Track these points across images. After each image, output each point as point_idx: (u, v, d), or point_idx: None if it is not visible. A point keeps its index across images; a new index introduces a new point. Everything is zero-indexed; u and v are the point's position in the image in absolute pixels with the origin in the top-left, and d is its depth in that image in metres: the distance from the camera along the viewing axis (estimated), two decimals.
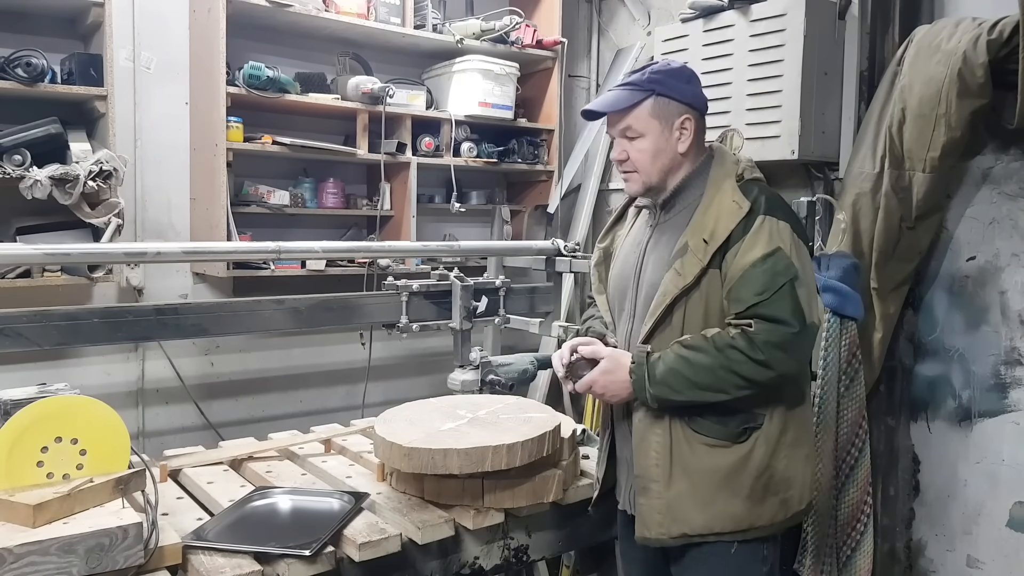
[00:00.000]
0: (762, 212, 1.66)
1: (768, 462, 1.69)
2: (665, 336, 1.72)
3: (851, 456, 2.44)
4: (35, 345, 1.95)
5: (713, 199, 1.71)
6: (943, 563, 2.61)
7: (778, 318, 1.61)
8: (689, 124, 1.75)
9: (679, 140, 1.76)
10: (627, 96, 1.76)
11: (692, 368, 1.64)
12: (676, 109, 1.75)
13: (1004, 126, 2.34)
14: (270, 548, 1.53)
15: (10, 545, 1.30)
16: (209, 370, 3.23)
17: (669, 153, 1.76)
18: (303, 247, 2.37)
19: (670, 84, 1.75)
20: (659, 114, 1.74)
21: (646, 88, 1.75)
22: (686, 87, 1.77)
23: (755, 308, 1.62)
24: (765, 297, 1.61)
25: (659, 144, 1.75)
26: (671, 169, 1.78)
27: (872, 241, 2.48)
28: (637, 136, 1.76)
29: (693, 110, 1.77)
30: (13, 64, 2.52)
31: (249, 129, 2.99)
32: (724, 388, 1.64)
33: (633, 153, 1.77)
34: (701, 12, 2.93)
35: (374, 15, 3.20)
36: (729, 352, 1.62)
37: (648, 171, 1.77)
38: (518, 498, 1.80)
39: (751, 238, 1.65)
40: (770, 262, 1.62)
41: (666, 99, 1.74)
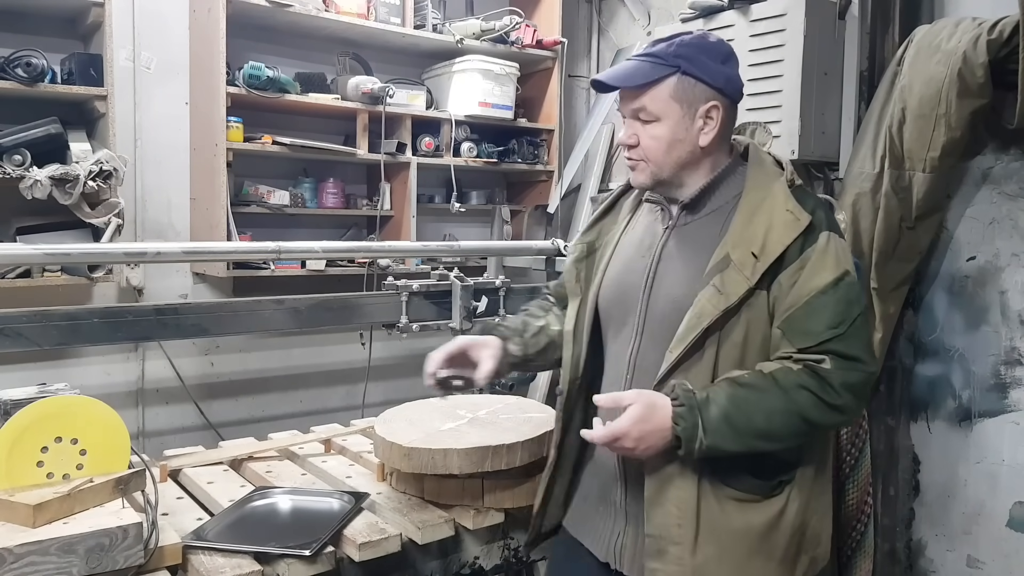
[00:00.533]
0: (825, 227, 1.41)
1: (803, 518, 1.44)
2: (693, 371, 1.40)
3: (851, 456, 2.44)
4: (35, 345, 1.95)
5: (759, 205, 1.42)
6: (943, 563, 2.60)
7: (855, 355, 1.37)
8: (716, 113, 1.44)
9: (702, 131, 1.45)
10: (647, 70, 1.44)
11: (753, 412, 1.34)
12: (703, 93, 1.43)
13: (1004, 126, 2.34)
14: (270, 548, 1.53)
15: (10, 545, 1.30)
16: (209, 370, 3.23)
17: (688, 145, 1.45)
18: (303, 247, 2.37)
19: (701, 62, 1.43)
20: (682, 97, 1.43)
21: (671, 63, 1.43)
22: (720, 68, 1.45)
23: (829, 344, 1.36)
24: (841, 331, 1.36)
25: (677, 133, 1.44)
26: (688, 163, 1.47)
27: (872, 241, 2.48)
28: (652, 120, 1.45)
29: (724, 97, 1.45)
30: (13, 64, 2.52)
31: (249, 129, 2.99)
32: (785, 436, 1.37)
33: (645, 139, 1.46)
34: (701, 12, 2.93)
35: (374, 15, 3.20)
36: (797, 394, 1.35)
37: (660, 162, 1.47)
38: (518, 498, 1.79)
39: (818, 259, 1.38)
40: (843, 289, 1.37)
41: (693, 79, 1.42)
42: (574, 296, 1.62)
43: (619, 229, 1.63)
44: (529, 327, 1.72)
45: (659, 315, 1.46)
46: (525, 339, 1.69)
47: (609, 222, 1.67)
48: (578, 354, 1.57)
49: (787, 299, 1.38)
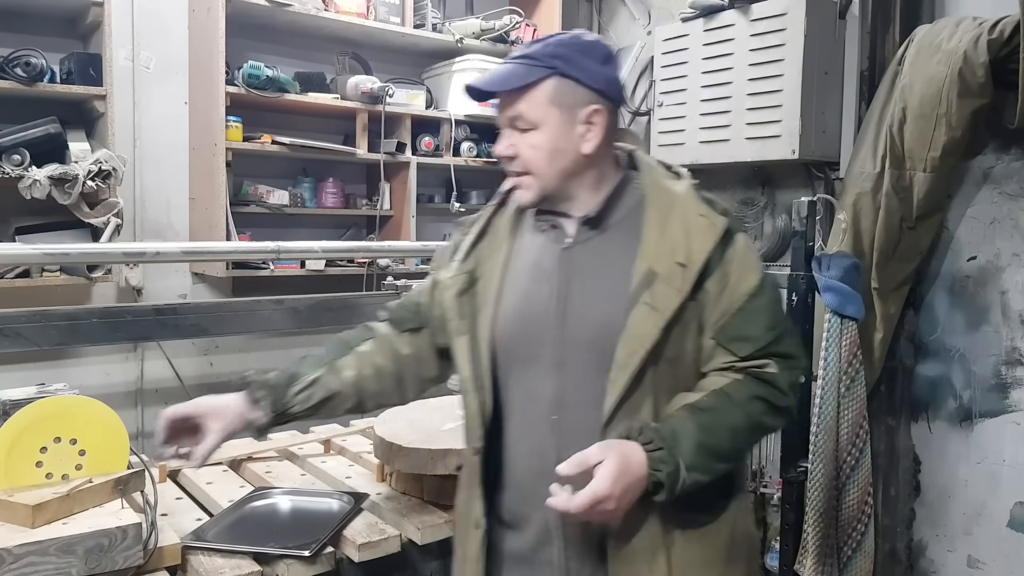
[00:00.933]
0: (737, 229, 1.35)
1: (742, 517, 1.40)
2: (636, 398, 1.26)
3: (852, 456, 2.44)
4: (34, 345, 1.94)
5: (668, 213, 1.32)
6: (944, 563, 2.60)
7: (793, 354, 1.35)
8: (599, 118, 1.32)
9: (584, 137, 1.32)
10: (521, 72, 1.31)
11: (720, 436, 1.26)
12: (584, 96, 1.31)
13: (1005, 126, 2.34)
14: (269, 549, 1.53)
15: (9, 546, 1.30)
16: (208, 370, 3.22)
17: (570, 153, 1.32)
18: (303, 247, 2.37)
19: (580, 62, 1.31)
20: (561, 101, 1.30)
21: (547, 64, 1.30)
22: (600, 69, 1.33)
23: (771, 347, 1.31)
24: (779, 332, 1.32)
25: (558, 140, 1.31)
26: (573, 173, 1.34)
27: (873, 241, 2.47)
28: (530, 127, 1.32)
29: (606, 100, 1.33)
30: (12, 64, 2.51)
31: (248, 129, 2.99)
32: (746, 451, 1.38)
33: (524, 149, 1.33)
34: (701, 11, 2.93)
35: (374, 14, 3.19)
36: (752, 405, 1.29)
37: (544, 174, 1.33)
38: None
39: (741, 262, 1.31)
40: (768, 290, 1.34)
41: (572, 82, 1.30)
42: (459, 335, 1.40)
43: (502, 255, 1.43)
44: (298, 380, 1.45)
45: (582, 343, 1.31)
46: (287, 397, 1.43)
47: (487, 247, 1.46)
48: (483, 401, 1.36)
49: (718, 307, 1.30)
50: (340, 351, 1.51)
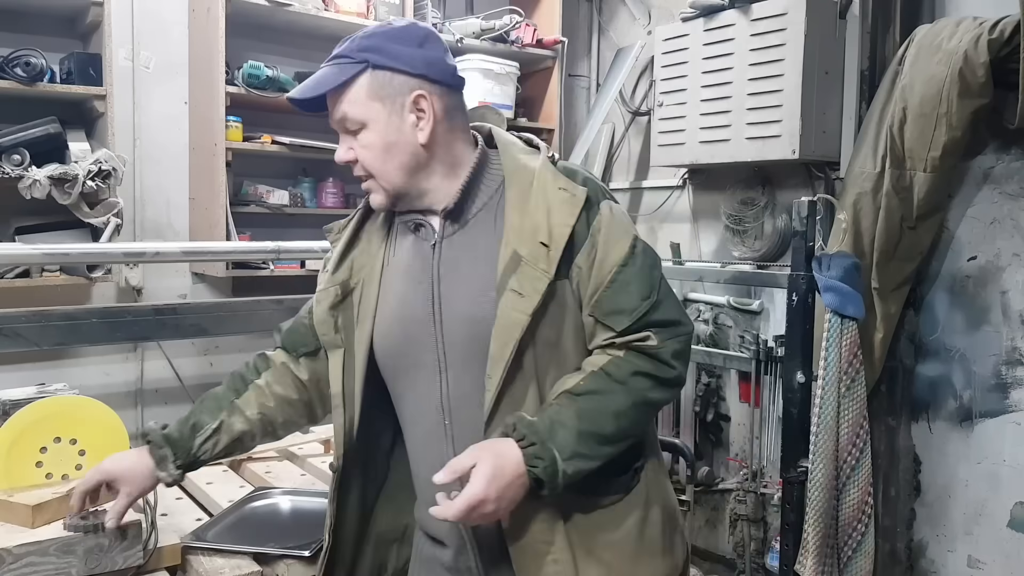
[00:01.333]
0: (601, 198, 1.27)
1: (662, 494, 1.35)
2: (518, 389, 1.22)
3: (852, 456, 2.44)
4: (34, 345, 1.94)
5: (528, 192, 1.25)
6: (944, 563, 2.60)
7: (673, 319, 1.26)
8: (425, 102, 1.25)
9: (416, 127, 1.25)
10: (335, 73, 1.28)
11: (602, 421, 1.20)
12: (404, 84, 1.24)
13: (1005, 126, 2.34)
14: (269, 549, 1.53)
15: (9, 546, 1.30)
16: (208, 370, 3.22)
17: (407, 146, 1.26)
18: (303, 247, 2.37)
19: (391, 50, 1.25)
20: (380, 93, 1.25)
21: (358, 60, 1.26)
22: (416, 52, 1.26)
23: (648, 316, 1.23)
24: (654, 299, 1.24)
25: (388, 135, 1.25)
26: (417, 167, 1.27)
27: (873, 241, 2.47)
28: (359, 128, 1.27)
29: (431, 83, 1.25)
30: (12, 64, 2.51)
31: (248, 129, 2.99)
32: (637, 427, 1.26)
33: (360, 151, 1.28)
34: (701, 11, 2.93)
35: (374, 14, 3.19)
36: (636, 382, 1.22)
37: (385, 173, 1.27)
38: None
39: (607, 232, 1.24)
40: (639, 257, 1.25)
41: (387, 72, 1.24)
42: (333, 348, 1.37)
43: (377, 261, 1.37)
44: (201, 430, 1.44)
45: (459, 343, 1.25)
46: (194, 449, 1.42)
47: (362, 255, 1.40)
48: (351, 418, 1.33)
49: (591, 282, 1.24)
50: (238, 389, 1.48)
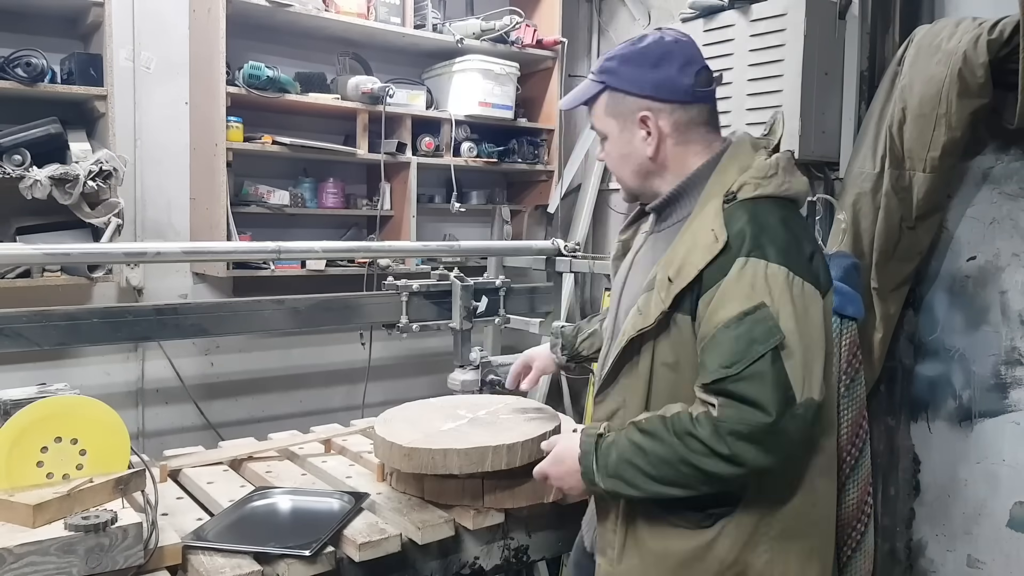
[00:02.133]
0: (744, 252, 1.27)
1: (738, 556, 1.35)
2: (629, 381, 1.42)
3: (851, 456, 2.44)
4: (35, 345, 1.95)
5: (694, 222, 1.35)
6: (943, 563, 2.60)
7: (749, 399, 1.24)
8: (651, 121, 1.39)
9: (645, 142, 1.41)
10: (583, 89, 1.47)
11: (648, 459, 1.30)
12: (633, 104, 1.40)
13: (1004, 126, 2.34)
14: (270, 548, 1.53)
15: (10, 545, 1.30)
16: (209, 370, 3.23)
17: (637, 157, 1.43)
18: (303, 247, 2.37)
19: (624, 73, 1.40)
20: (615, 111, 1.43)
21: (599, 80, 1.43)
22: (648, 74, 1.38)
23: (721, 383, 1.25)
24: (734, 372, 1.24)
25: (621, 147, 1.44)
26: (649, 174, 1.44)
27: (872, 241, 2.47)
28: (604, 137, 1.48)
29: (659, 102, 1.38)
30: (13, 64, 2.52)
31: (249, 129, 2.99)
32: (687, 484, 1.30)
33: (604, 155, 1.50)
34: (701, 12, 2.93)
35: (374, 15, 3.20)
36: (688, 442, 1.27)
37: (621, 177, 1.49)
38: (518, 498, 1.79)
39: (727, 288, 1.27)
40: (747, 324, 1.24)
41: (620, 93, 1.41)
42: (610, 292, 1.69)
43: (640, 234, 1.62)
44: (582, 331, 1.90)
45: (619, 323, 1.48)
46: (576, 344, 1.89)
47: (643, 222, 1.62)
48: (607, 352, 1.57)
49: (703, 328, 1.30)
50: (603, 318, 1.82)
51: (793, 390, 1.24)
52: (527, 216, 3.84)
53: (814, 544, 1.41)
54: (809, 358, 1.27)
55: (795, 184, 1.40)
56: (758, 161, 1.38)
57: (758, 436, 1.24)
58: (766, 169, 1.36)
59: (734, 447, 1.24)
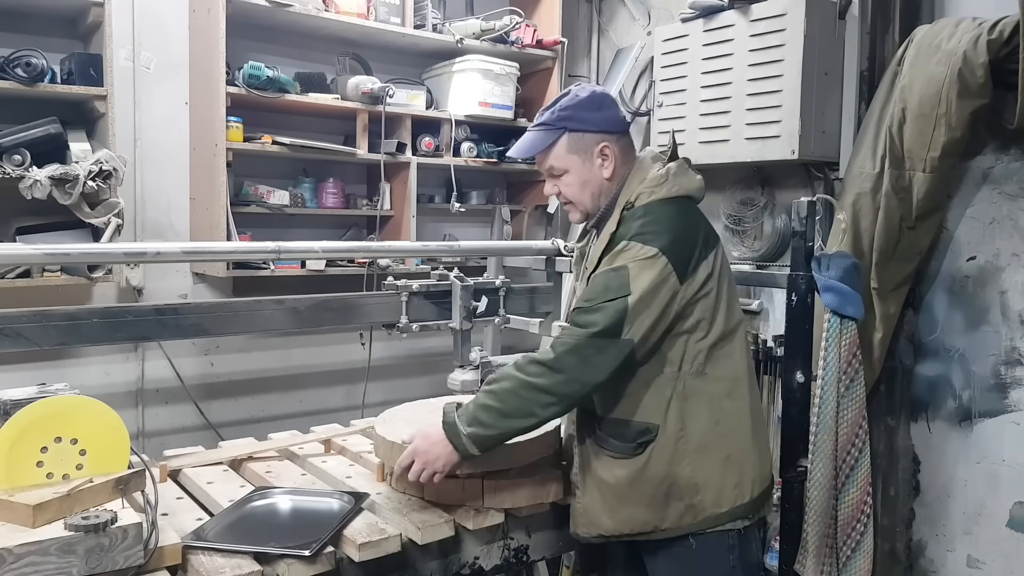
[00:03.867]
0: (628, 237, 1.69)
1: (667, 471, 1.71)
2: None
3: (851, 456, 2.44)
4: (35, 345, 1.94)
5: (606, 227, 1.78)
6: (943, 563, 2.60)
7: (586, 323, 1.64)
8: (609, 149, 1.78)
9: (602, 167, 1.79)
10: (541, 138, 1.80)
11: (497, 397, 1.64)
12: (592, 139, 1.78)
13: (1004, 126, 2.34)
14: (270, 548, 1.53)
15: (10, 545, 1.30)
16: (209, 370, 3.23)
17: (596, 181, 1.80)
18: (303, 247, 2.37)
19: (580, 117, 1.78)
20: (576, 148, 1.79)
21: (557, 127, 1.78)
22: (597, 115, 1.79)
23: (576, 312, 1.68)
24: (587, 304, 1.66)
25: (583, 175, 1.80)
26: (603, 192, 1.82)
27: (872, 241, 2.48)
28: (562, 173, 1.81)
29: (610, 134, 1.79)
30: (13, 64, 2.52)
31: (249, 129, 2.99)
32: (531, 409, 1.63)
33: (563, 188, 1.83)
34: (701, 12, 2.93)
35: (374, 15, 3.20)
36: (528, 368, 1.63)
37: (582, 201, 1.83)
38: (518, 498, 1.80)
39: (609, 257, 1.70)
40: (609, 275, 1.67)
41: (579, 133, 1.78)
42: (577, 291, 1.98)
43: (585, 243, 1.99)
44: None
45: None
46: None
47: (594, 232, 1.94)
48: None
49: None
50: None
51: (622, 328, 1.63)
52: (527, 216, 3.84)
53: (729, 453, 1.76)
54: (643, 314, 1.64)
55: (686, 184, 1.78)
56: (652, 173, 1.77)
57: (579, 348, 1.62)
58: (658, 179, 1.76)
59: (560, 356, 1.62)
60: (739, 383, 1.80)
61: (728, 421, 1.77)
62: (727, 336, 1.77)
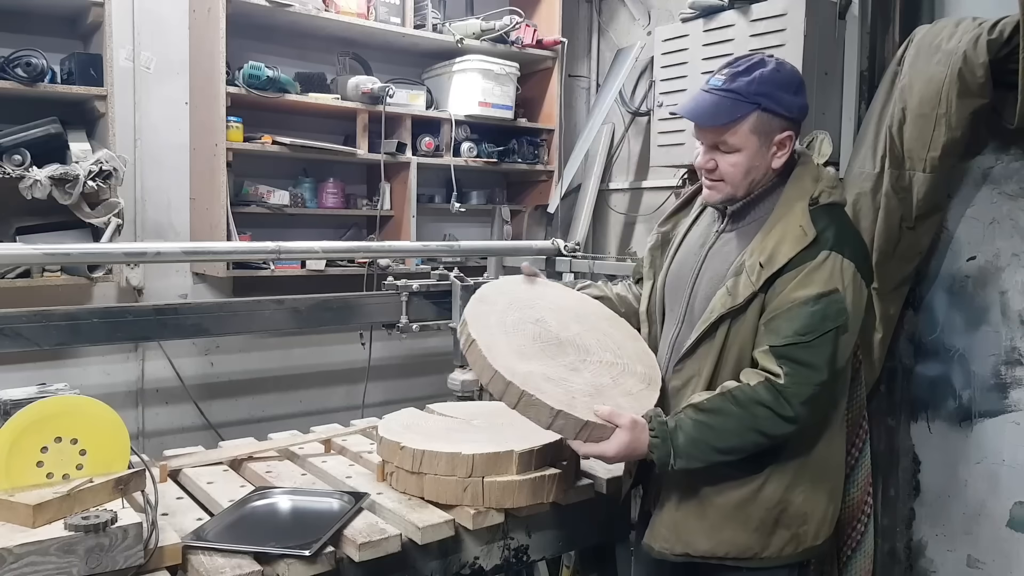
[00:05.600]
0: (828, 246, 1.54)
1: (781, 496, 1.64)
2: (705, 353, 1.65)
3: (851, 456, 2.44)
4: (35, 345, 1.95)
5: (780, 219, 1.60)
6: (943, 563, 2.60)
7: (811, 363, 1.52)
8: (790, 141, 1.62)
9: (775, 155, 1.62)
10: (729, 108, 1.58)
11: (715, 434, 1.54)
12: (780, 125, 1.60)
13: (1004, 126, 2.34)
14: (270, 548, 1.53)
15: (10, 545, 1.30)
16: (209, 370, 3.23)
17: (762, 169, 1.63)
18: (303, 247, 2.37)
19: (778, 97, 1.58)
20: (760, 130, 1.59)
21: (751, 101, 1.57)
22: (793, 99, 1.60)
23: (791, 348, 1.51)
24: (806, 340, 1.51)
25: (754, 160, 1.61)
26: (760, 182, 1.65)
27: (872, 241, 2.47)
28: (732, 151, 1.61)
29: (796, 124, 1.63)
30: (13, 64, 2.52)
31: (249, 129, 2.99)
32: (748, 448, 1.57)
33: (724, 166, 1.63)
34: (701, 12, 2.93)
35: (374, 15, 3.20)
36: (755, 409, 1.52)
37: (737, 184, 1.64)
38: (518, 498, 1.80)
39: (809, 273, 1.53)
40: (823, 303, 1.51)
41: (771, 115, 1.58)
42: (647, 280, 1.86)
43: (687, 224, 1.83)
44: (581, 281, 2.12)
45: (696, 307, 1.69)
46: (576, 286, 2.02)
47: (683, 216, 1.86)
48: (654, 334, 1.83)
49: (775, 301, 1.56)
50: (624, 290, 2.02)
51: (838, 361, 1.54)
52: (527, 216, 3.84)
53: (835, 485, 1.73)
54: (853, 339, 1.58)
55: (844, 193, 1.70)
56: (826, 173, 1.66)
57: (814, 398, 1.53)
58: (834, 180, 1.65)
59: (796, 409, 1.51)
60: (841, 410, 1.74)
61: (838, 452, 1.72)
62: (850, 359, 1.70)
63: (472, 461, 1.75)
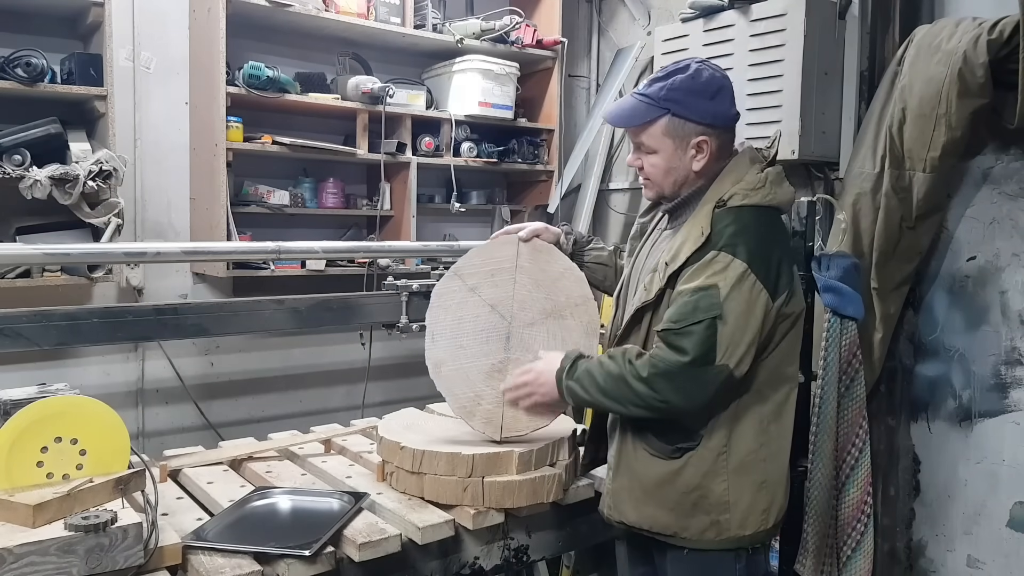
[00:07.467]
0: (719, 246, 1.62)
1: (700, 482, 1.69)
2: (634, 337, 1.77)
3: (851, 456, 2.44)
4: (35, 345, 1.94)
5: (691, 220, 1.70)
6: (943, 563, 2.60)
7: (677, 347, 1.60)
8: (706, 145, 1.69)
9: (694, 159, 1.70)
10: (641, 111, 1.70)
11: (602, 373, 1.68)
12: (693, 129, 1.68)
13: (1004, 126, 2.34)
14: (270, 548, 1.53)
15: (10, 545, 1.30)
16: (209, 370, 3.23)
17: (682, 171, 1.72)
18: (303, 247, 2.37)
19: (689, 103, 1.67)
20: (673, 133, 1.69)
21: (662, 106, 1.68)
22: (707, 105, 1.67)
23: (666, 332, 1.63)
24: (678, 326, 1.61)
25: (671, 162, 1.71)
26: (685, 183, 1.74)
27: (872, 241, 2.48)
28: (650, 151, 1.73)
29: (713, 128, 1.69)
30: (13, 64, 2.52)
31: (249, 129, 2.99)
32: (621, 400, 1.66)
33: (646, 166, 1.75)
34: (701, 12, 2.93)
35: (374, 15, 3.20)
36: (628, 366, 1.64)
37: (660, 183, 1.76)
38: (518, 498, 1.80)
39: (697, 270, 1.63)
40: (697, 296, 1.60)
41: (681, 119, 1.67)
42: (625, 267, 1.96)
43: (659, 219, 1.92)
44: (595, 242, 2.18)
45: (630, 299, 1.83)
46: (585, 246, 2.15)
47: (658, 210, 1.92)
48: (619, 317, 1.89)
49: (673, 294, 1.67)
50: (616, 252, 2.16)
51: (715, 353, 1.59)
52: (527, 216, 3.84)
53: (765, 479, 1.73)
54: (737, 337, 1.60)
55: (779, 195, 1.72)
56: (750, 176, 1.69)
57: (672, 374, 1.61)
58: (755, 183, 1.68)
59: (653, 378, 1.61)
60: (786, 407, 1.77)
61: (771, 446, 1.74)
62: (790, 356, 1.76)
63: (472, 461, 1.76)
